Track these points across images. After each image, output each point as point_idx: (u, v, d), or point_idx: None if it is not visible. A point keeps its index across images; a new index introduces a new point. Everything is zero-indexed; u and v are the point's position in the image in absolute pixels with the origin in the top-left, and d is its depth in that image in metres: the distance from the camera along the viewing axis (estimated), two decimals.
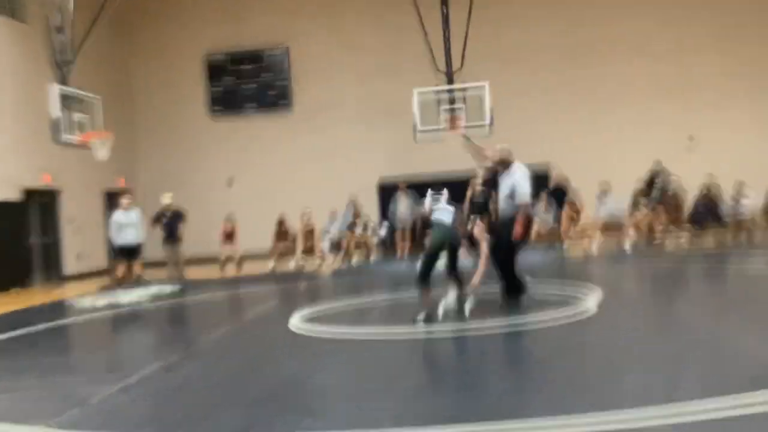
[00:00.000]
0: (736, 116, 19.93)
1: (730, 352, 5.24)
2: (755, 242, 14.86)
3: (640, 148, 18.98)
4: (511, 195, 8.13)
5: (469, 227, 8.96)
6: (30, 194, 17.11)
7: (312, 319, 8.25)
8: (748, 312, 7.05)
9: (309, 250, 16.53)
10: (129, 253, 14.89)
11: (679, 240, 15.48)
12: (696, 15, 20.15)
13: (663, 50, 20.16)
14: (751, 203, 15.64)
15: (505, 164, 8.28)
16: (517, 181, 8.07)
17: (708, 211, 15.60)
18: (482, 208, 15.43)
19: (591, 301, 7.96)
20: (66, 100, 13.05)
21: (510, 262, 8.13)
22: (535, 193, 16.08)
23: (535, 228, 14.52)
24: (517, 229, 7.92)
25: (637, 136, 19.75)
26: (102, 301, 12.18)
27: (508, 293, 8.14)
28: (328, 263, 16.17)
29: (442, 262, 7.83)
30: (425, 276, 7.65)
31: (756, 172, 17.94)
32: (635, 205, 15.73)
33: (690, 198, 16.15)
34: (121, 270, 15.14)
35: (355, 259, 16.41)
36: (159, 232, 15.63)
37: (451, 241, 7.77)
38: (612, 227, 15.45)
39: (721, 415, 3.77)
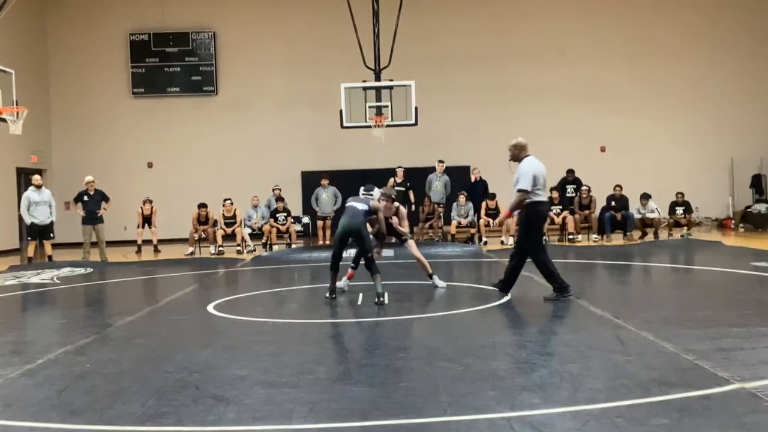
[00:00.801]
0: (648, 125, 20.81)
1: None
2: (660, 241, 15.65)
3: (555, 154, 19.61)
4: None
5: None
6: None
7: (229, 306, 8.21)
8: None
9: (229, 237, 16.39)
10: (41, 232, 14.51)
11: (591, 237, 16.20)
12: (610, 22, 20.90)
13: (580, 56, 20.85)
14: (655, 216, 16.56)
15: (516, 159, 8.20)
16: (519, 172, 8.05)
17: (614, 222, 16.34)
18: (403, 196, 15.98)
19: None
20: None
21: (540, 263, 7.93)
22: (454, 191, 16.78)
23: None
24: (503, 213, 8.42)
25: (552, 142, 20.36)
26: (10, 280, 11.78)
27: (560, 292, 7.84)
28: (249, 250, 16.06)
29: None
30: (334, 262, 8.41)
31: (666, 182, 18.83)
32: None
33: (599, 207, 16.88)
34: (31, 249, 14.73)
35: (276, 247, 16.36)
36: (74, 214, 15.23)
37: (355, 231, 8.15)
38: None
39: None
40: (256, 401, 4.31)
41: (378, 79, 16.33)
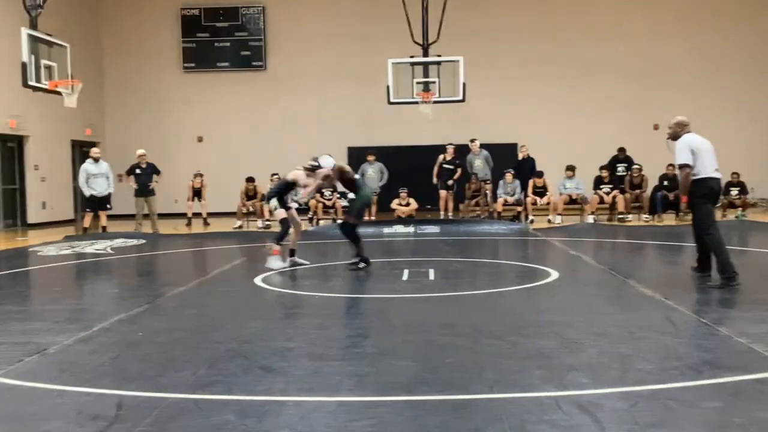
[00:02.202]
0: (704, 102, 20.24)
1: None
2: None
3: (606, 132, 19.26)
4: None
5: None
6: None
7: (276, 279, 8.30)
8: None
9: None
10: (98, 203, 14.87)
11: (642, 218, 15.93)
12: None
13: (633, 29, 20.36)
14: None
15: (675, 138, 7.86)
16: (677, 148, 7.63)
17: (666, 202, 15.97)
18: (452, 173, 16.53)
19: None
20: (35, 46, 12.79)
21: (709, 239, 7.37)
22: (501, 169, 16.65)
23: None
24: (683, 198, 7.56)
25: (603, 120, 20.01)
26: (65, 250, 12.10)
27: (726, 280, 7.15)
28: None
29: None
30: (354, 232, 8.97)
31: (721, 161, 18.29)
32: (597, 187, 16.20)
33: (651, 186, 16.53)
34: (87, 220, 15.11)
35: (322, 222, 16.45)
36: (126, 186, 15.54)
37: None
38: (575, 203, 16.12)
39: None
40: (304, 373, 4.36)
41: (426, 54, 16.17)
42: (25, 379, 4.34)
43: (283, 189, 9.44)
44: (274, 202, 9.37)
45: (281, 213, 9.32)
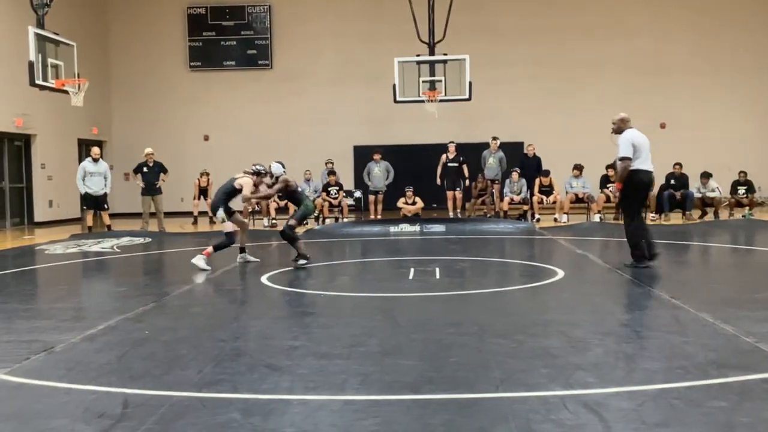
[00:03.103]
0: (711, 101, 20.19)
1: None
2: (720, 221, 15.26)
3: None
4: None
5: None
6: (2, 138, 16.88)
7: (282, 278, 8.31)
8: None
9: (282, 210, 16.55)
10: (94, 202, 14.92)
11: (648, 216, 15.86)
12: None
13: (639, 28, 20.30)
14: (716, 196, 16.11)
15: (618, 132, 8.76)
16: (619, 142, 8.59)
17: (673, 201, 15.93)
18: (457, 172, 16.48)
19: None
20: (42, 45, 12.84)
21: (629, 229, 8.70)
22: (508, 167, 16.64)
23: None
24: (615, 185, 8.79)
25: (609, 119, 19.91)
26: (72, 248, 12.13)
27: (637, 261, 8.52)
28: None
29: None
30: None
31: (729, 160, 18.29)
32: (604, 186, 16.15)
33: (658, 185, 16.45)
34: (90, 219, 15.16)
35: (328, 221, 16.46)
36: (133, 185, 15.57)
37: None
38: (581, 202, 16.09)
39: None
40: (309, 371, 4.36)
41: (432, 53, 16.15)
42: (32, 377, 4.35)
43: (230, 195, 9.38)
44: (221, 213, 9.18)
45: (229, 226, 9.24)
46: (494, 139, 16.90)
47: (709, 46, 20.17)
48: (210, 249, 9.19)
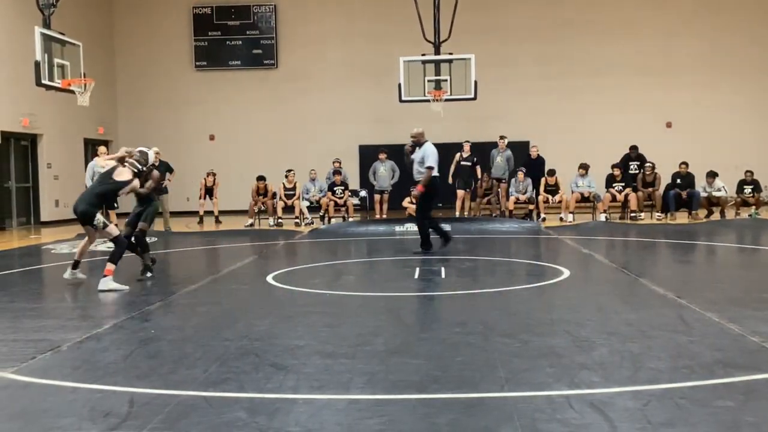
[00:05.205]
0: (717, 100, 20.14)
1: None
2: (726, 220, 15.21)
3: (618, 130, 19.17)
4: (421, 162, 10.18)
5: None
6: (8, 138, 16.93)
7: (288, 277, 8.32)
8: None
9: (288, 209, 16.57)
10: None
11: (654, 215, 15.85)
12: None
13: (646, 28, 20.28)
14: (722, 195, 16.06)
15: (419, 144, 10.32)
16: (425, 152, 10.15)
17: (679, 201, 15.89)
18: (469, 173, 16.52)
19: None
20: (48, 45, 12.88)
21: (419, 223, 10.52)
22: (515, 166, 16.62)
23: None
24: (417, 188, 10.30)
25: (615, 118, 19.92)
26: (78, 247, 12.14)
27: (424, 248, 10.33)
28: (306, 222, 16.22)
29: None
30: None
31: (735, 160, 18.24)
32: (609, 186, 16.12)
33: (664, 184, 16.44)
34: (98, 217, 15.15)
35: (334, 220, 16.47)
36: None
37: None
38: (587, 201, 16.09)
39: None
40: (314, 371, 4.37)
41: (437, 52, 16.15)
42: (38, 376, 4.36)
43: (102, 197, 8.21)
44: (100, 216, 7.90)
45: (113, 230, 8.05)
46: (502, 138, 16.88)
47: (715, 45, 20.12)
48: (110, 267, 7.79)
